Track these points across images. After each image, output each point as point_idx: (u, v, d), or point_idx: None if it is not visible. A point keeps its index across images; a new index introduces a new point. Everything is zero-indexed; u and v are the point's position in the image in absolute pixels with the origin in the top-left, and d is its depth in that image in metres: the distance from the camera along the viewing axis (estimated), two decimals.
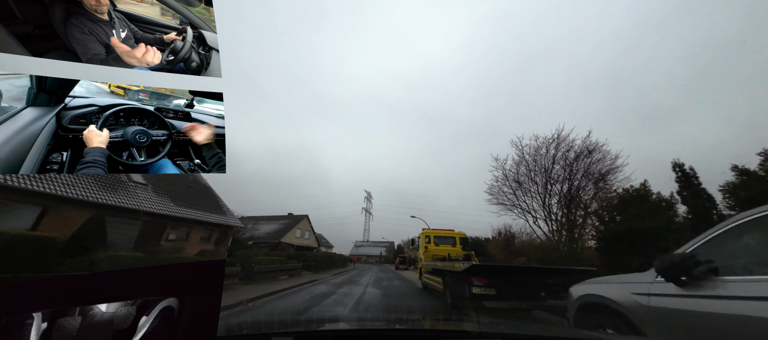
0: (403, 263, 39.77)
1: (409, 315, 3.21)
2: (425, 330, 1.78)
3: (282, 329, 1.62)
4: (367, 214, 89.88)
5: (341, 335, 1.69)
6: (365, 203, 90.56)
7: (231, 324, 1.83)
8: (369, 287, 14.01)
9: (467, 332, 1.58)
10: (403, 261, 40.02)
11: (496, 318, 5.69)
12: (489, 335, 1.56)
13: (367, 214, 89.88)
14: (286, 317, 3.80)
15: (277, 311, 7.64)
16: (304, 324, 2.02)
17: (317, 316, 4.61)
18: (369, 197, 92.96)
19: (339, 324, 2.19)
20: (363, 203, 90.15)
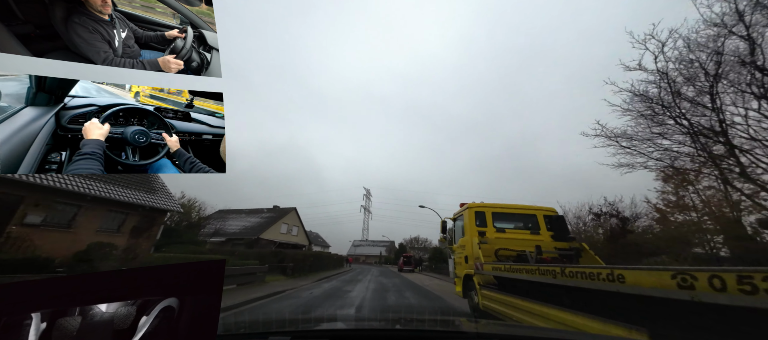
0: (408, 264, 35.51)
1: (408, 315, 3.21)
2: (424, 331, 1.79)
3: (280, 329, 1.62)
4: (366, 212, 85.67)
5: (339, 335, 1.69)
6: (364, 201, 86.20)
7: (229, 323, 1.83)
8: (367, 304, 8.99)
9: (466, 333, 1.59)
10: (408, 262, 35.83)
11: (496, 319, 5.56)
12: (488, 336, 1.56)
13: (366, 212, 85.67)
14: (284, 317, 3.80)
15: (274, 310, 7.62)
16: (302, 324, 2.02)
17: (315, 315, 4.61)
18: (368, 194, 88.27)
19: (337, 324, 2.19)
20: (362, 201, 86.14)
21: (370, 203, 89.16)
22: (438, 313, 7.10)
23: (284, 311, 7.52)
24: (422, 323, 2.07)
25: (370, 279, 19.05)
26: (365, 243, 79.46)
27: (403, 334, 1.77)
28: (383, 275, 24.86)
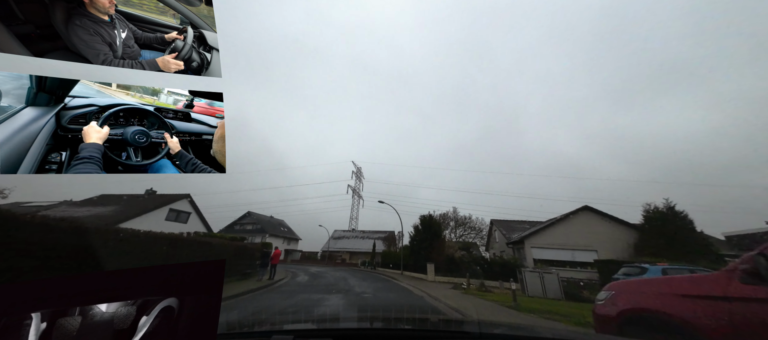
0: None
1: (410, 314, 3.22)
2: (426, 330, 1.79)
3: (282, 328, 1.62)
4: (355, 195, 61.77)
5: (341, 335, 1.69)
6: (353, 180, 62.24)
7: (232, 322, 1.83)
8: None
9: (467, 333, 1.58)
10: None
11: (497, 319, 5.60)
12: (489, 336, 1.56)
13: (355, 195, 61.77)
14: (286, 317, 3.81)
15: (277, 309, 7.64)
16: (305, 323, 2.02)
17: (318, 315, 4.63)
18: (358, 173, 64.68)
19: (339, 323, 2.19)
20: (350, 181, 61.75)
21: (362, 186, 65.04)
22: (439, 313, 7.10)
23: (287, 310, 7.54)
24: (426, 322, 2.07)
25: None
26: (351, 234, 54.05)
27: (408, 333, 1.77)
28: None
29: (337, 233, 53.89)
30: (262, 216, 49.28)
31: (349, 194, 61.04)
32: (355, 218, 60.07)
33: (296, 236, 52.98)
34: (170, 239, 12.52)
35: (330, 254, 45.80)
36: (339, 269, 30.64)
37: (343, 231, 55.68)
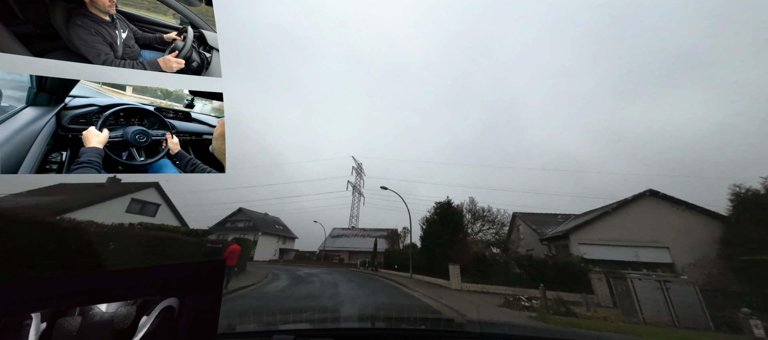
0: None
1: (411, 314, 3.22)
2: (427, 330, 1.78)
3: (283, 328, 1.62)
4: (356, 192, 58.38)
5: (343, 334, 1.69)
6: (353, 176, 58.54)
7: (233, 321, 1.84)
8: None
9: (468, 333, 1.58)
10: None
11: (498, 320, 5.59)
12: (489, 336, 1.55)
13: (356, 192, 58.38)
14: (288, 316, 3.82)
15: (279, 309, 7.65)
16: (305, 323, 2.03)
17: (319, 315, 4.62)
18: (358, 169, 61.04)
19: (340, 323, 2.19)
20: (350, 177, 58.19)
21: (362, 183, 61.27)
22: (440, 313, 7.09)
23: (288, 310, 7.55)
24: (427, 322, 2.07)
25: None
26: (350, 232, 50.27)
27: (408, 333, 1.77)
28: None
29: (335, 231, 50.77)
30: (256, 213, 47.04)
31: (349, 191, 58.18)
32: (356, 216, 56.73)
33: (292, 235, 51.13)
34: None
35: (326, 253, 42.22)
36: (334, 271, 25.69)
37: (341, 229, 52.46)
